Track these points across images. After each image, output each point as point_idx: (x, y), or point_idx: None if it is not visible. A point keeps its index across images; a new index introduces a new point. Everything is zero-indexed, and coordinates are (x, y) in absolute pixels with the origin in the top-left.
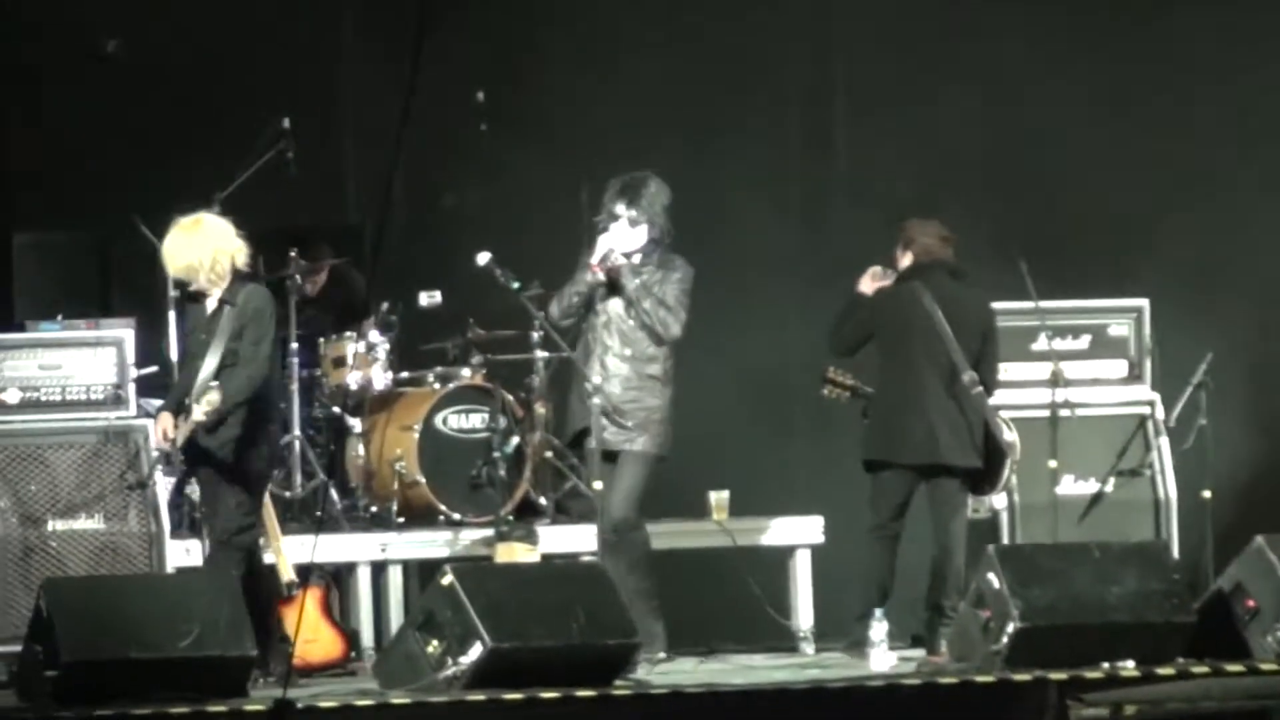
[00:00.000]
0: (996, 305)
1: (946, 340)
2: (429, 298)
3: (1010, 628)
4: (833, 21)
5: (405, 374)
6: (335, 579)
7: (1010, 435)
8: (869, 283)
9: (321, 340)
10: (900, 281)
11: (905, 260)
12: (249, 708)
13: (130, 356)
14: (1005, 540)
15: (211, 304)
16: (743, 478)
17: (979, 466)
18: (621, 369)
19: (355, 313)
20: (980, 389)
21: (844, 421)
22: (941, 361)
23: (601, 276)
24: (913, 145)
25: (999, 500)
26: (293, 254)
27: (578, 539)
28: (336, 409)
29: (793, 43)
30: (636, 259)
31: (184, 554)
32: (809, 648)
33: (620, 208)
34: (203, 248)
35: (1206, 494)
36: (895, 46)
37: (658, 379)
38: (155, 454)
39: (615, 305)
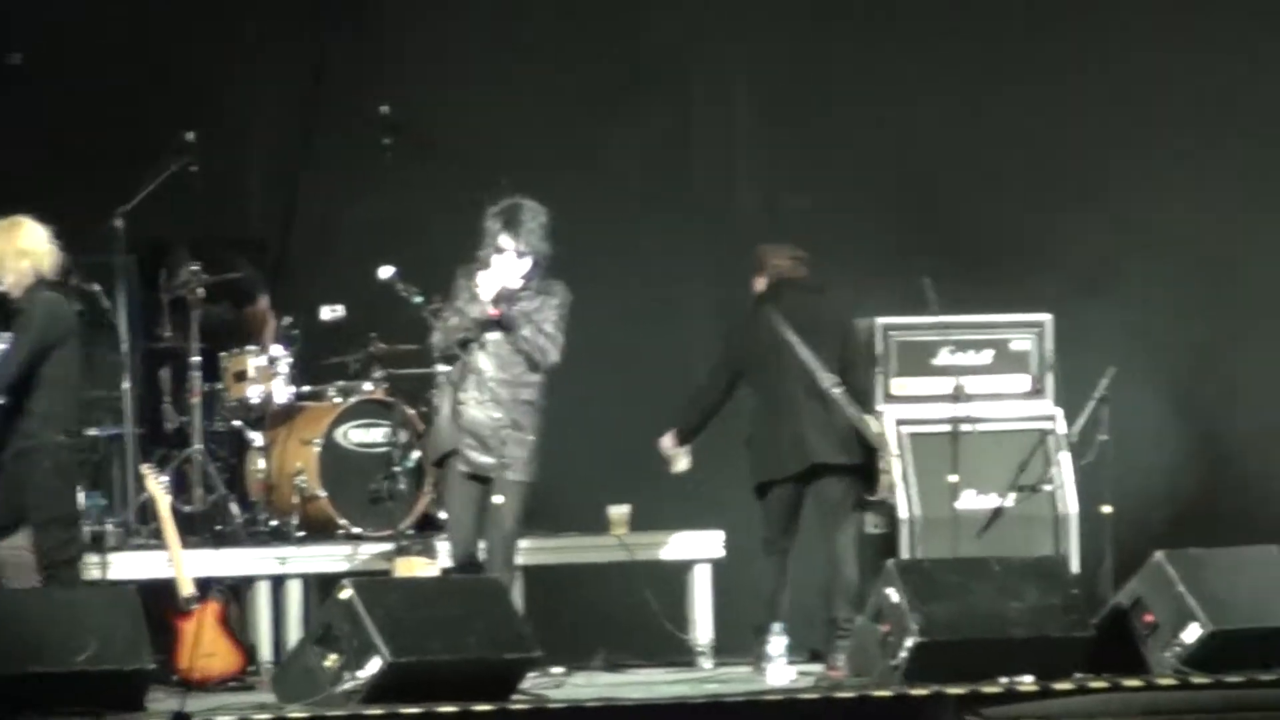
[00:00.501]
0: (898, 320)
1: (800, 351)
2: (331, 312)
3: (909, 642)
4: (736, 30)
5: (306, 388)
6: (234, 593)
7: (877, 427)
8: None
9: (223, 354)
10: (755, 307)
11: (759, 285)
12: None
13: None
14: (905, 555)
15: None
16: (642, 492)
17: (857, 463)
18: (501, 394)
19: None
20: (839, 390)
21: (742, 434)
22: (801, 374)
23: (494, 312)
24: (815, 159)
25: (903, 510)
26: (195, 267)
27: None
28: (237, 423)
29: (694, 51)
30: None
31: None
32: (708, 662)
33: (505, 240)
34: (5, 248)
35: (1107, 509)
36: (799, 59)
37: (533, 404)
38: None
39: (493, 331)
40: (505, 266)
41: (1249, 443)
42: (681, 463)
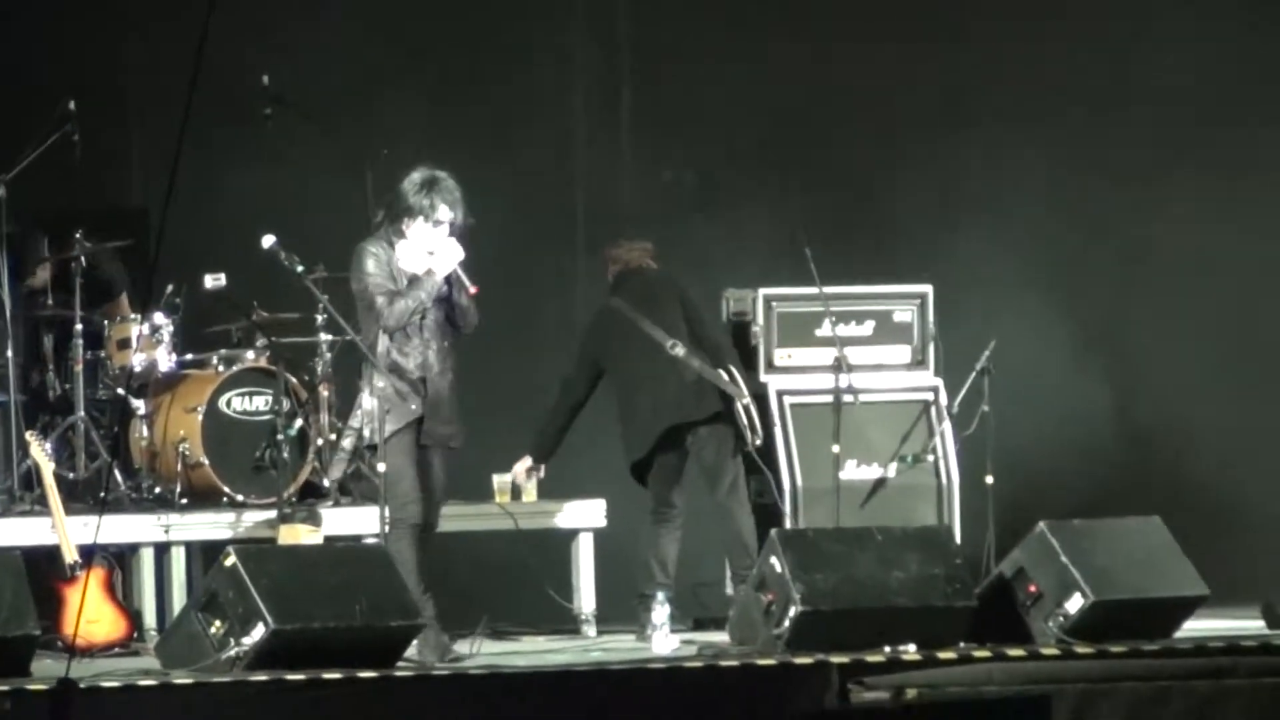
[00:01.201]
0: (779, 291)
1: (644, 325)
2: (213, 280)
3: (792, 611)
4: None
5: (190, 356)
6: (118, 560)
7: (727, 380)
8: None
9: (106, 322)
10: (603, 303)
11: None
12: (32, 687)
13: None
14: (788, 525)
15: None
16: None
17: (717, 411)
18: (447, 362)
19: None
20: (680, 349)
21: None
22: (649, 348)
23: (473, 290)
24: (698, 131)
25: (786, 480)
26: (77, 235)
27: (361, 521)
28: (120, 391)
29: (575, 26)
30: None
31: None
32: (591, 630)
33: (445, 213)
34: None
35: (989, 479)
36: (679, 33)
37: (454, 371)
38: None
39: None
40: (453, 241)
41: (1131, 413)
42: (531, 490)
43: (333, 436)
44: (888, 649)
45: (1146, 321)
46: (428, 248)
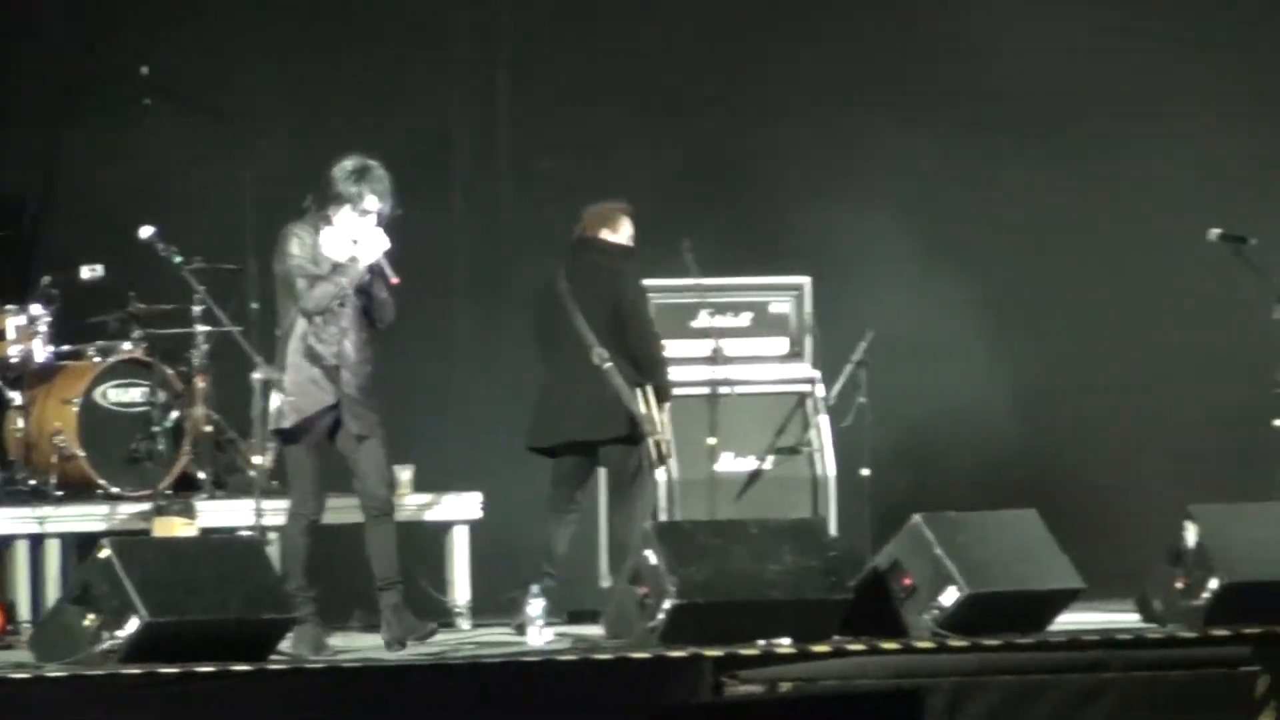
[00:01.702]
0: (656, 282)
1: (575, 320)
2: (90, 271)
3: (667, 604)
4: None
5: (66, 347)
6: None
7: (643, 409)
8: None
9: None
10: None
11: None
12: None
13: None
14: (663, 517)
15: None
16: (402, 454)
17: (620, 435)
18: (364, 353)
19: None
20: (608, 365)
21: (501, 399)
22: (578, 345)
23: (394, 280)
24: (575, 120)
25: (661, 472)
26: None
27: (236, 514)
28: None
29: (452, 15)
30: None
31: None
32: (466, 623)
33: (372, 201)
34: None
35: (865, 472)
36: (557, 22)
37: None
38: None
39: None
40: (373, 229)
41: (1008, 406)
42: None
43: (208, 428)
44: (762, 642)
45: (1026, 315)
46: (353, 236)
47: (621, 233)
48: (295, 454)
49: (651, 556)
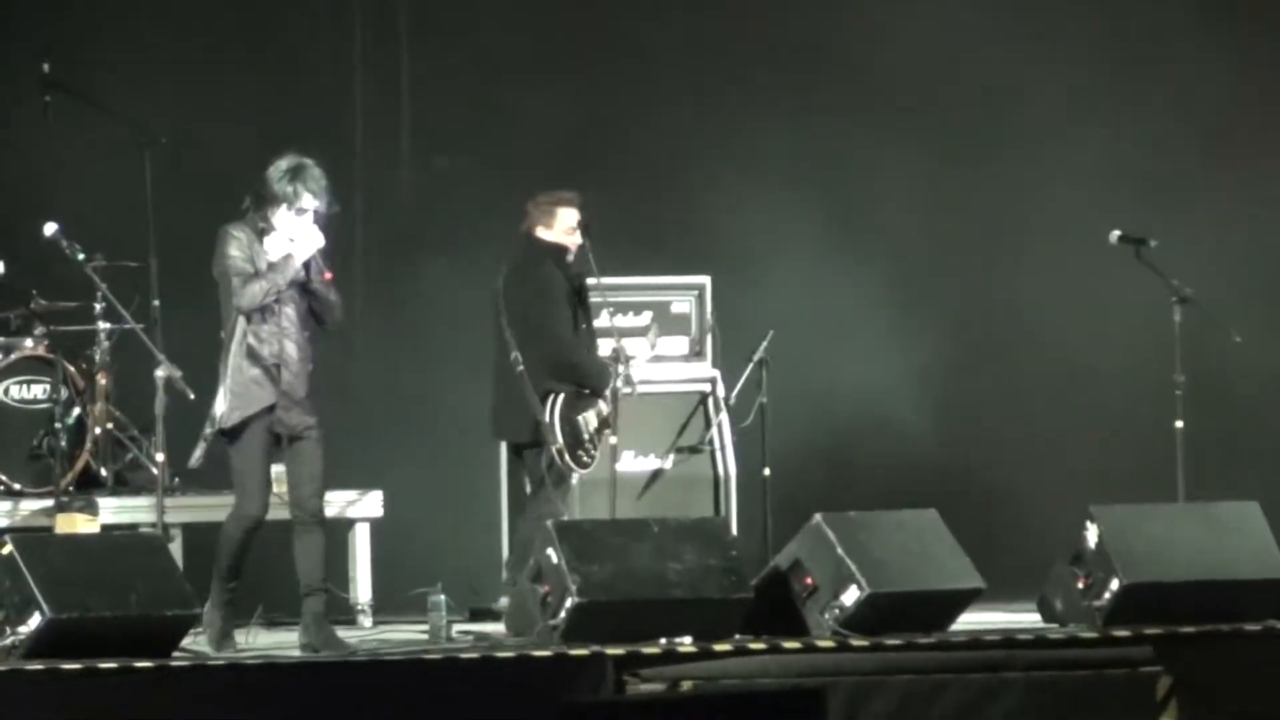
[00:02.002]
0: None
1: (500, 318)
2: None
3: (568, 603)
4: None
5: None
6: None
7: (545, 417)
8: None
9: None
10: None
11: None
12: None
13: None
14: (565, 516)
15: None
16: None
17: (524, 440)
18: (305, 351)
19: None
20: (520, 369)
21: (402, 398)
22: (504, 342)
23: (328, 275)
24: (480, 117)
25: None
26: None
27: (138, 510)
28: None
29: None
30: None
31: None
32: (367, 621)
33: (309, 200)
34: None
35: (766, 471)
36: (458, 19)
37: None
38: None
39: (293, 290)
40: (309, 226)
41: (910, 407)
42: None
43: (110, 425)
44: (663, 641)
45: (929, 314)
46: (289, 234)
47: (557, 227)
48: (239, 454)
49: (553, 555)
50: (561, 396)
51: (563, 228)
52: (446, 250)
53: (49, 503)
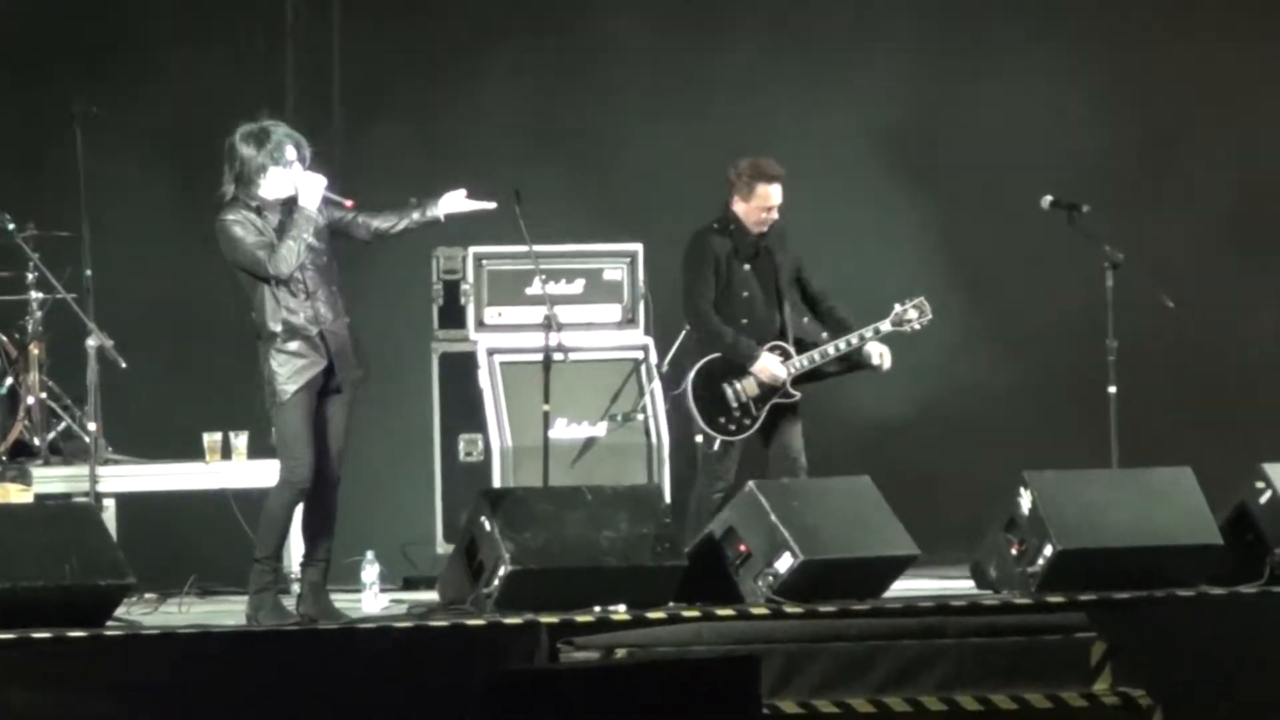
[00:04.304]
0: (489, 249)
1: None
2: None
3: (502, 571)
4: None
5: None
6: None
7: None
8: None
9: None
10: None
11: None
12: None
13: None
14: (497, 483)
15: None
16: (235, 420)
17: None
18: (336, 307)
19: None
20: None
21: None
22: None
23: (349, 204)
24: (411, 87)
25: (495, 439)
26: None
27: (71, 480)
28: None
29: None
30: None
31: None
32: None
33: (292, 151)
34: None
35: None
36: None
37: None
38: None
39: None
40: (304, 173)
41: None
42: (242, 449)
43: (43, 395)
44: (597, 609)
45: (855, 275)
46: (289, 191)
47: (753, 203)
48: (288, 424)
49: (486, 523)
50: (704, 364)
51: (757, 204)
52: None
53: None
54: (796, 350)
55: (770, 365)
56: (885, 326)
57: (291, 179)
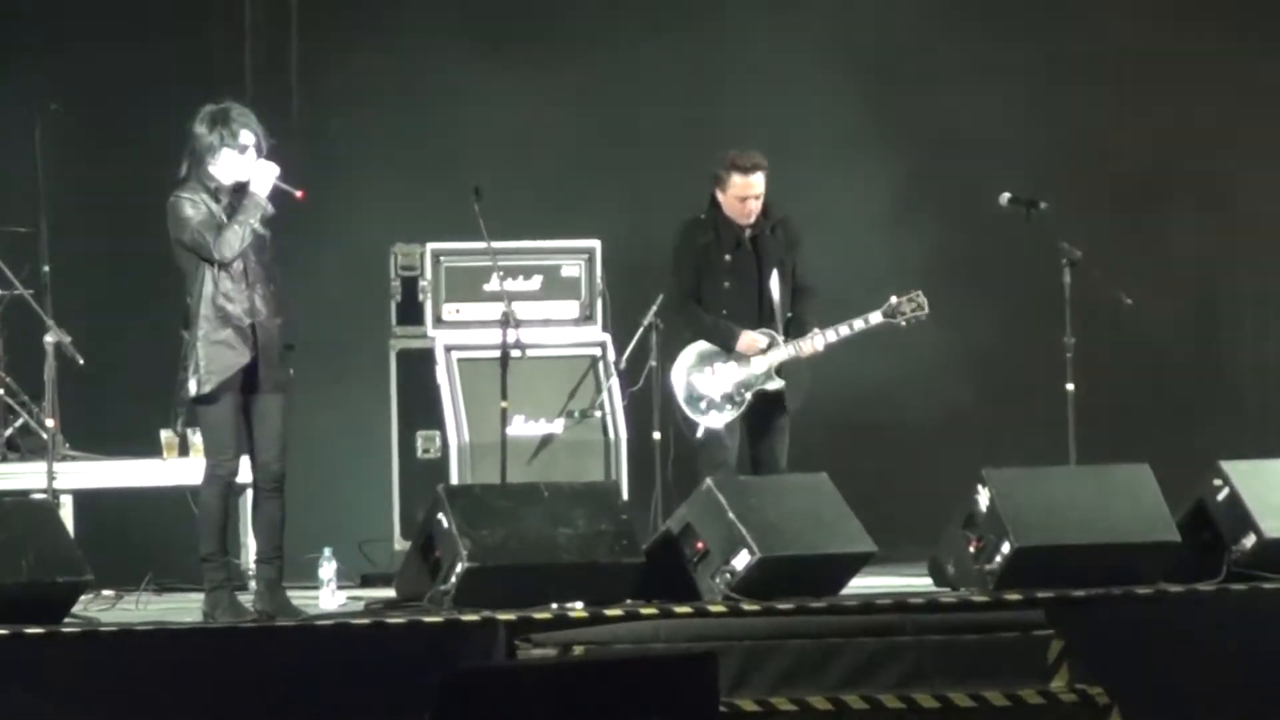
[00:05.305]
0: (447, 245)
1: None
2: None
3: (459, 567)
4: None
5: None
6: None
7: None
8: None
9: None
10: None
11: None
12: None
13: None
14: (455, 480)
15: None
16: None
17: None
18: (273, 305)
19: None
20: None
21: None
22: None
23: (299, 194)
24: (371, 85)
25: (452, 435)
26: None
27: (29, 476)
28: None
29: None
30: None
31: None
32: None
33: (247, 136)
34: None
35: (656, 435)
36: None
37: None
38: None
39: (253, 242)
40: (257, 161)
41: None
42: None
43: (0, 391)
44: (555, 606)
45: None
46: (241, 175)
47: (729, 194)
48: (212, 415)
49: (444, 519)
50: (687, 352)
51: (734, 195)
52: (336, 209)
53: None
54: (786, 335)
55: (752, 338)
56: (875, 318)
57: (245, 164)
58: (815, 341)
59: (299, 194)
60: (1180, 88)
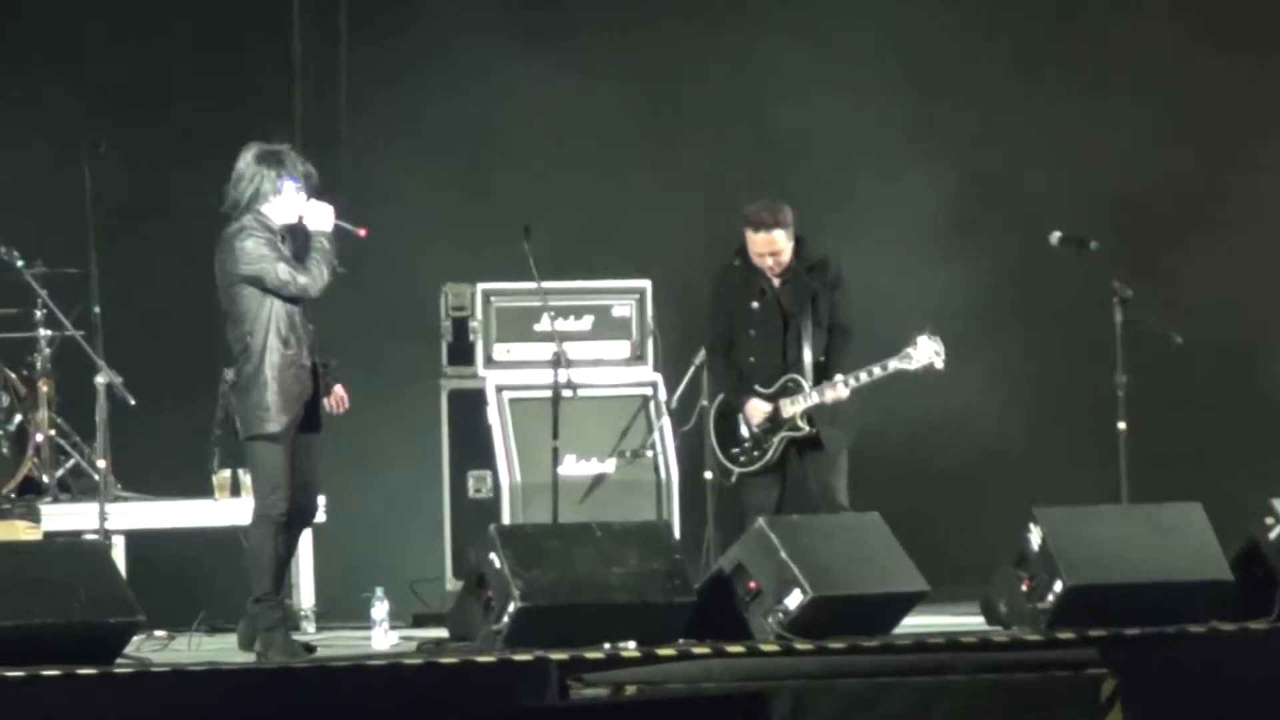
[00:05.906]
0: (499, 285)
1: None
2: None
3: (511, 607)
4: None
5: None
6: None
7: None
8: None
9: None
10: None
11: None
12: None
13: None
14: (506, 520)
15: None
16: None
17: None
18: (314, 343)
19: None
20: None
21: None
22: None
23: (363, 232)
24: (416, 124)
25: (504, 475)
26: None
27: (80, 517)
28: None
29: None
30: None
31: None
32: (311, 626)
33: (303, 177)
34: None
35: (708, 475)
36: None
37: None
38: None
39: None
40: (314, 202)
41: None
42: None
43: (51, 432)
44: (607, 645)
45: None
46: (294, 216)
47: (749, 248)
48: (274, 454)
49: (495, 560)
50: (721, 396)
51: (752, 250)
52: (386, 248)
53: None
54: (816, 381)
55: (751, 410)
56: (893, 364)
57: (299, 204)
58: (839, 389)
59: (362, 232)
60: (1223, 120)
